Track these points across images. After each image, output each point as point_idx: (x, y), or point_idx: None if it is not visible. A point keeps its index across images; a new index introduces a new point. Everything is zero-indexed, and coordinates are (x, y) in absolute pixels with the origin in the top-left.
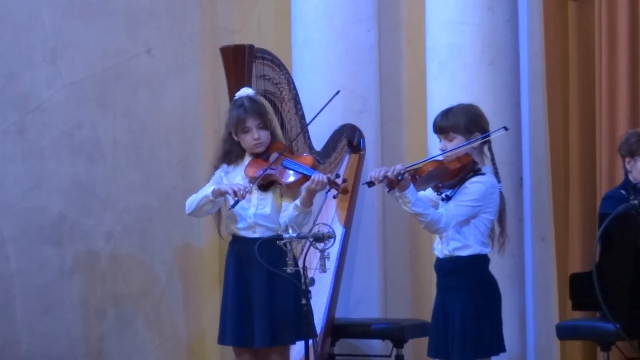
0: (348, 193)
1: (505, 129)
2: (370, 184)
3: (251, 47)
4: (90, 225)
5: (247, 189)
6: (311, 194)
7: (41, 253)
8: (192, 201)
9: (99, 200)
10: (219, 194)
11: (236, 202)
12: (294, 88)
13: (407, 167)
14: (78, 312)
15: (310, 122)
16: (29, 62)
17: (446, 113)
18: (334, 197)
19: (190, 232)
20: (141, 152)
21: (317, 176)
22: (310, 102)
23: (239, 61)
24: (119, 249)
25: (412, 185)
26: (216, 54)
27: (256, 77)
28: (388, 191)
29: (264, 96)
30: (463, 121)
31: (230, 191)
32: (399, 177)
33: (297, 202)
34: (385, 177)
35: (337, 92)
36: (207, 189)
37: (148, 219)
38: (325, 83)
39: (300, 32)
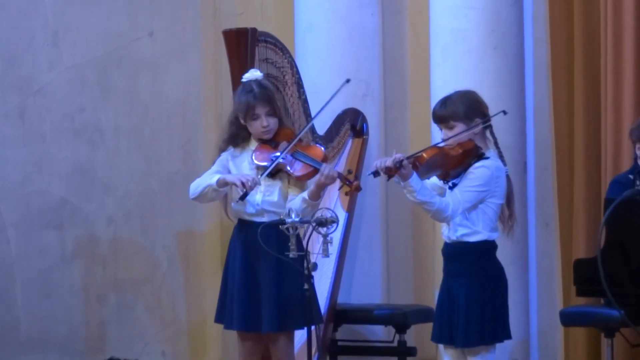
0: (360, 190)
1: (504, 112)
2: (376, 173)
3: (254, 30)
4: (91, 210)
5: (255, 181)
6: (320, 187)
7: (42, 238)
8: (196, 186)
9: (100, 184)
10: (224, 184)
11: (245, 195)
12: (297, 72)
13: (408, 156)
14: (78, 298)
15: (319, 112)
16: (30, 46)
17: (444, 101)
18: (346, 194)
19: (192, 217)
20: (142, 136)
21: (327, 170)
22: (313, 86)
23: (242, 44)
24: (120, 234)
25: (415, 174)
26: (218, 37)
27: (259, 61)
28: (387, 180)
29: (267, 80)
30: (462, 108)
31: (238, 183)
32: (398, 165)
33: (305, 195)
34: (387, 167)
35: (348, 81)
36: (212, 178)
37: (149, 203)
38: (328, 67)
39: (303, 16)
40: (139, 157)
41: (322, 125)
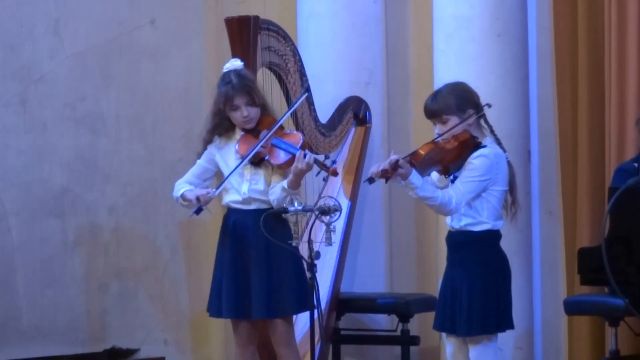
0: (337, 175)
1: (489, 105)
2: (371, 180)
3: (256, 18)
4: (92, 198)
5: (209, 194)
6: (298, 175)
7: (43, 226)
8: (175, 190)
9: (101, 173)
10: (185, 199)
11: (199, 210)
12: (300, 60)
13: (404, 156)
14: (80, 286)
15: (280, 120)
16: (31, 34)
17: (434, 96)
18: (324, 179)
19: None
20: (144, 124)
21: (301, 154)
22: (315, 74)
23: (244, 32)
24: (122, 222)
25: (415, 171)
26: (220, 25)
27: (261, 49)
28: (385, 182)
29: (269, 68)
30: (454, 101)
31: (194, 200)
32: (394, 166)
33: (285, 184)
34: (384, 170)
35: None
36: (180, 190)
37: (151, 192)
38: (331, 55)
39: (305, 4)
40: (141, 145)
41: (325, 113)
